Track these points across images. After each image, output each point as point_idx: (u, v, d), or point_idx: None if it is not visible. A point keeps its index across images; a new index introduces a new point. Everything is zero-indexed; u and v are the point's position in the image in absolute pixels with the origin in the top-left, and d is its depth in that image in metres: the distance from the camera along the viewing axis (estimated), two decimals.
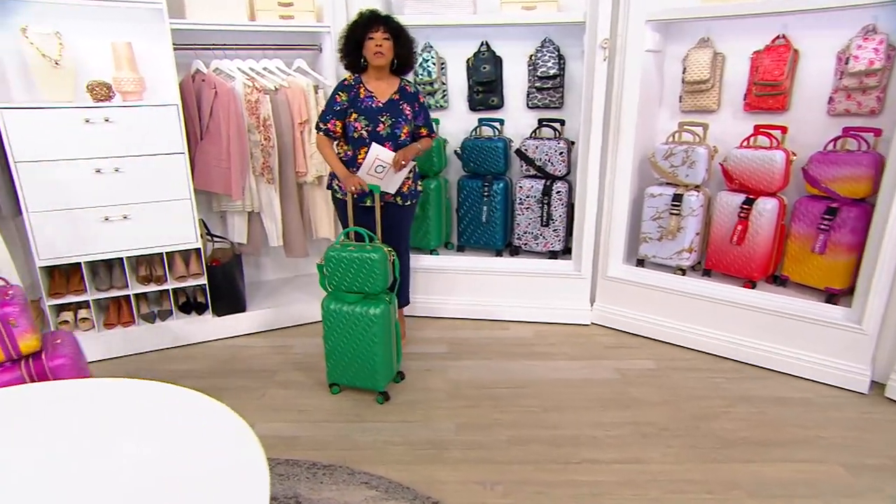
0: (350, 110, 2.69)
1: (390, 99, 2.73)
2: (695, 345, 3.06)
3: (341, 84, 2.75)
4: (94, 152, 2.76)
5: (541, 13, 3.14)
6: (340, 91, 2.73)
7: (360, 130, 2.69)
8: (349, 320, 2.52)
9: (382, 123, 2.69)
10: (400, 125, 2.72)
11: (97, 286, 3.02)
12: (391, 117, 2.70)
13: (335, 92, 2.74)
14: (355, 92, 2.70)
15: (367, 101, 2.69)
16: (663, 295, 3.14)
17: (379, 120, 2.69)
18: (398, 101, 2.74)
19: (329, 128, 2.74)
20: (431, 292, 3.53)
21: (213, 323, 3.25)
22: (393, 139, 2.72)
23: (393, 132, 2.71)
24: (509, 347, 3.16)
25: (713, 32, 3.03)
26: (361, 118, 2.68)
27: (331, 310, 2.55)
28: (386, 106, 2.70)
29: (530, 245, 3.49)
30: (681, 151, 3.00)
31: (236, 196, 3.11)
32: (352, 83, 2.72)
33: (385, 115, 2.70)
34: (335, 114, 2.72)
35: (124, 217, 2.88)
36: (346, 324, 2.53)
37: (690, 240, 3.05)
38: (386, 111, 2.70)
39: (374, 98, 2.70)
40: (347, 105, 2.70)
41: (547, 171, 3.35)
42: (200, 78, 3.09)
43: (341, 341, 2.56)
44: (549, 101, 3.45)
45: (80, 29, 2.86)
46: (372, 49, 2.63)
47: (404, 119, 2.73)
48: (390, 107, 2.71)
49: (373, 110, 2.69)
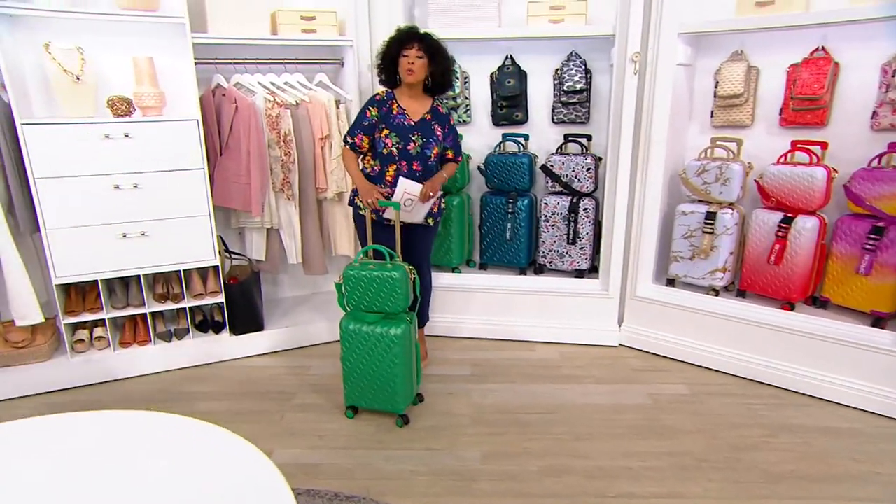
0: (381, 126, 2.64)
1: (423, 118, 2.68)
2: (729, 369, 2.94)
3: (372, 99, 2.70)
4: (114, 168, 2.72)
5: (568, 26, 3.07)
6: (371, 106, 2.67)
7: (390, 147, 2.63)
8: (369, 341, 2.45)
9: (413, 142, 2.64)
10: (430, 145, 2.67)
11: (113, 304, 2.97)
12: (422, 136, 2.65)
13: (366, 106, 2.69)
14: (388, 108, 2.65)
15: (399, 117, 2.64)
16: (695, 316, 3.03)
17: (410, 138, 2.63)
18: (430, 121, 2.69)
19: (356, 142, 2.68)
20: (453, 311, 3.44)
21: (230, 342, 3.18)
22: (422, 159, 2.67)
23: (423, 152, 2.66)
24: (535, 370, 3.06)
25: (746, 45, 2.95)
26: (393, 135, 2.63)
27: (350, 330, 2.47)
28: (418, 125, 2.66)
29: (555, 263, 3.40)
30: (714, 168, 2.90)
31: (256, 213, 3.06)
32: (384, 98, 2.68)
33: (417, 133, 2.65)
34: (363, 129, 2.67)
35: (142, 234, 2.84)
36: (365, 344, 2.46)
37: (724, 259, 2.94)
38: (418, 130, 2.65)
39: (406, 115, 2.65)
40: (377, 120, 2.64)
41: (573, 187, 3.26)
42: (221, 92, 3.06)
43: (360, 363, 2.49)
44: (575, 115, 3.38)
45: (101, 44, 2.84)
46: (405, 66, 2.59)
47: (435, 140, 2.68)
48: (422, 126, 2.66)
49: (405, 128, 2.64)
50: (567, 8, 3.06)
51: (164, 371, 3.06)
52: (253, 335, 3.22)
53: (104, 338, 2.94)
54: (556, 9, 3.06)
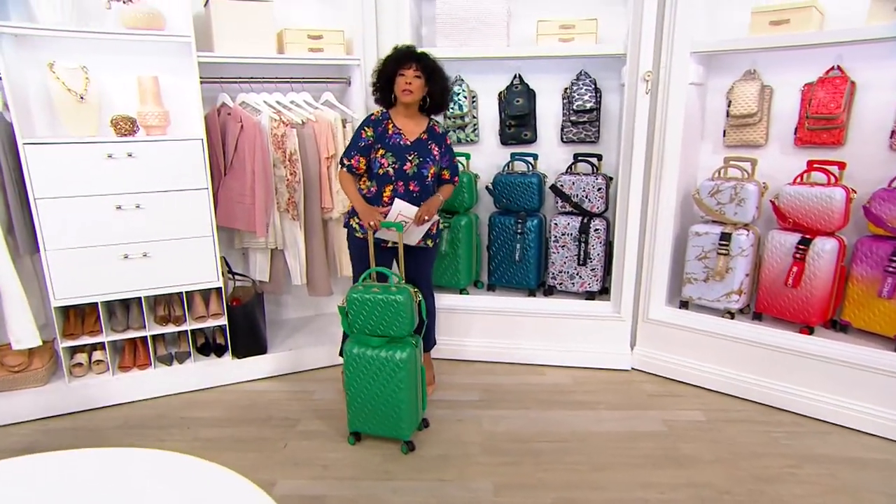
0: (377, 146, 2.60)
1: (419, 138, 2.64)
2: (746, 394, 2.86)
3: (368, 119, 2.66)
4: (116, 188, 2.67)
5: (579, 45, 3.04)
6: (367, 126, 2.63)
7: (386, 167, 2.59)
8: (373, 365, 2.39)
9: (410, 162, 2.60)
10: (427, 165, 2.63)
11: (113, 327, 2.90)
12: (419, 156, 2.62)
13: (361, 127, 2.65)
14: (383, 128, 2.61)
15: (394, 137, 2.60)
16: (710, 339, 2.96)
17: (406, 158, 2.60)
18: (426, 140, 2.66)
19: (353, 164, 2.63)
20: (461, 334, 3.37)
21: (233, 366, 3.10)
22: (419, 179, 2.63)
23: (419, 171, 2.62)
24: (547, 395, 2.97)
25: (759, 64, 2.91)
26: (388, 155, 2.59)
27: (354, 354, 2.41)
28: (414, 145, 2.62)
29: (566, 285, 3.33)
30: (728, 188, 2.85)
31: (260, 233, 3.00)
32: (379, 118, 2.64)
33: (413, 153, 2.61)
34: (360, 150, 2.62)
35: (144, 255, 2.78)
36: (369, 369, 2.39)
37: (740, 281, 2.87)
38: (414, 150, 2.61)
39: (402, 135, 2.61)
40: (373, 141, 2.60)
41: (584, 207, 3.21)
42: (226, 112, 3.02)
43: (364, 388, 2.42)
44: (585, 135, 3.34)
45: (106, 63, 2.82)
46: (401, 85, 2.56)
47: (432, 159, 2.65)
48: (418, 146, 2.63)
49: (400, 148, 2.60)
50: (577, 27, 3.03)
51: (164, 395, 2.98)
52: (256, 358, 3.15)
53: (103, 361, 2.87)
54: (566, 28, 3.04)
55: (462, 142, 3.49)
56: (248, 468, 2.37)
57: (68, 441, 2.58)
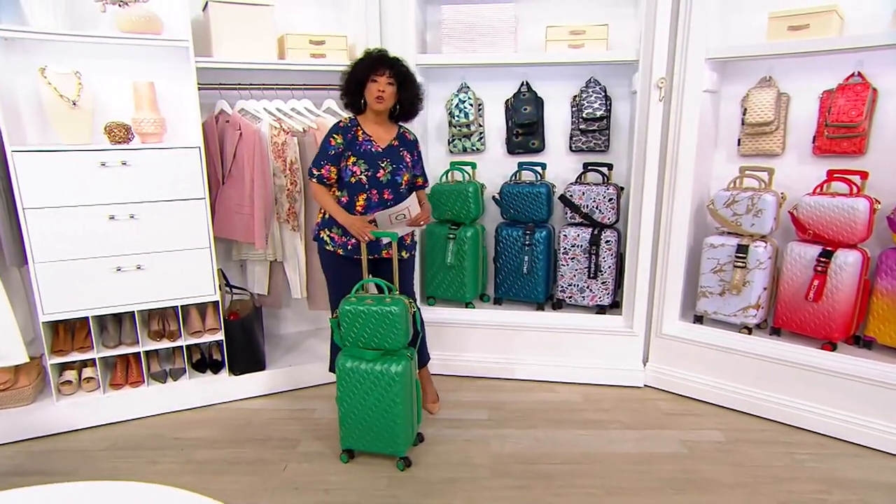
0: (347, 153, 2.51)
1: (390, 145, 2.58)
2: (767, 413, 2.75)
3: (335, 127, 2.56)
4: (109, 198, 2.58)
5: (589, 52, 2.96)
6: (335, 134, 2.53)
7: (358, 175, 2.50)
8: (367, 379, 2.31)
9: (382, 169, 2.53)
10: (400, 172, 2.57)
11: (104, 342, 2.79)
12: (391, 163, 2.55)
13: (329, 135, 2.54)
14: (352, 135, 2.52)
15: (365, 144, 2.52)
16: (727, 356, 2.85)
17: (379, 165, 2.52)
18: (398, 147, 2.60)
19: (323, 174, 2.53)
20: (467, 349, 3.26)
21: (230, 383, 2.99)
22: (393, 187, 2.56)
23: (393, 179, 2.55)
24: (557, 413, 2.86)
25: (776, 71, 2.84)
26: (360, 162, 2.50)
27: (347, 368, 2.33)
28: (385, 151, 2.55)
29: (575, 298, 3.23)
30: (745, 199, 2.76)
31: (259, 245, 2.90)
32: (348, 125, 2.55)
33: (385, 160, 2.54)
34: (329, 159, 2.52)
35: (137, 267, 2.67)
36: (363, 383, 2.31)
37: (758, 295, 2.78)
38: (386, 157, 2.54)
39: (372, 142, 2.53)
40: (343, 148, 2.51)
41: (594, 218, 3.11)
42: (224, 119, 2.93)
43: (358, 403, 2.34)
44: (594, 144, 3.25)
45: (100, 68, 2.73)
46: (374, 92, 2.47)
47: (404, 166, 2.59)
48: (390, 152, 2.56)
49: (372, 155, 2.52)
50: (587, 33, 2.96)
51: (157, 414, 2.86)
52: (254, 375, 3.03)
53: (93, 379, 2.75)
54: (576, 34, 2.96)
55: (467, 151, 3.40)
56: (246, 493, 2.25)
57: (55, 464, 2.46)
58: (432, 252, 3.30)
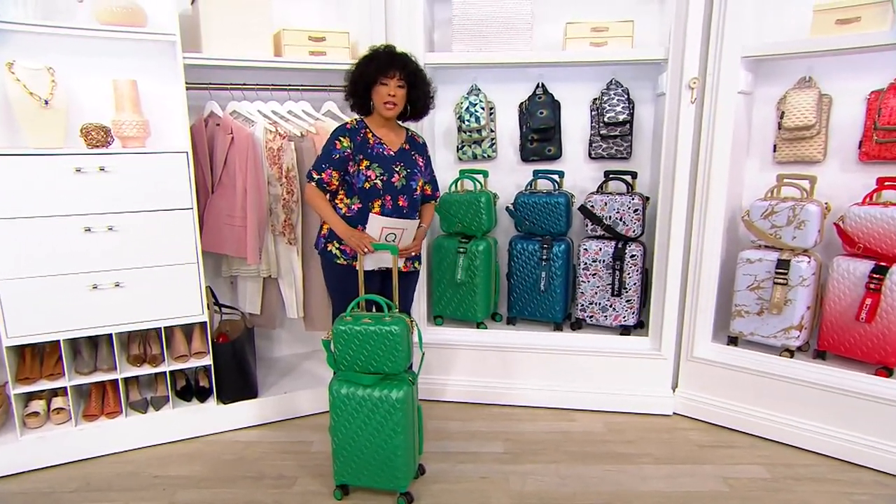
0: (358, 157, 2.31)
1: (401, 148, 2.40)
2: (814, 446, 2.53)
3: (342, 128, 2.36)
4: (85, 207, 2.35)
5: (613, 50, 2.77)
6: (342, 136, 2.33)
7: (373, 180, 2.31)
8: (364, 407, 2.12)
9: (397, 174, 2.35)
10: (415, 177, 2.40)
11: (78, 369, 2.54)
12: (406, 168, 2.37)
13: (335, 137, 2.33)
14: (362, 137, 2.33)
15: (377, 147, 2.33)
16: (766, 381, 2.64)
17: (394, 170, 2.34)
18: (409, 150, 2.43)
19: (324, 178, 2.32)
20: (479, 373, 3.03)
21: (218, 412, 2.74)
22: (408, 192, 2.38)
23: (408, 184, 2.38)
24: (579, 445, 2.64)
25: (816, 70, 2.65)
26: (375, 166, 2.31)
27: (342, 395, 2.13)
28: (398, 155, 2.37)
29: (597, 318, 3.01)
30: (785, 209, 2.56)
31: (252, 260, 2.67)
32: (356, 127, 2.35)
33: (399, 164, 2.36)
34: (333, 163, 2.32)
35: (116, 284, 2.44)
36: (360, 411, 2.12)
37: (800, 315, 2.57)
38: (399, 160, 2.37)
39: (384, 146, 2.35)
40: (351, 152, 2.31)
41: (617, 230, 2.91)
42: (215, 122, 2.72)
43: (355, 433, 2.15)
44: (616, 150, 3.06)
45: (76, 64, 2.51)
46: (383, 97, 2.29)
47: (419, 171, 2.43)
48: (402, 156, 2.38)
49: (385, 158, 2.34)
50: (610, 30, 2.77)
51: (136, 449, 2.60)
52: (245, 403, 2.79)
53: (64, 409, 2.50)
54: (599, 30, 2.77)
55: (478, 158, 3.19)
56: None
57: None
58: (440, 267, 3.08)
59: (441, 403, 3.04)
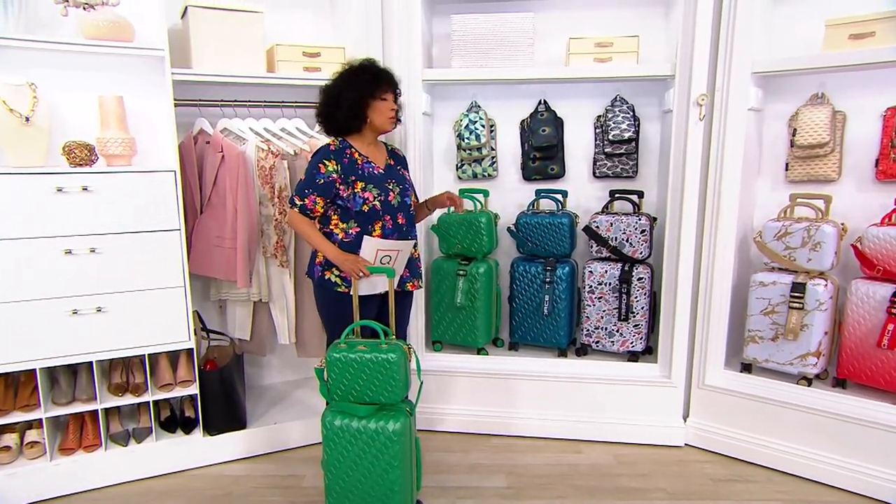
0: (350, 179, 2.23)
1: (387, 164, 2.37)
2: (835, 481, 2.44)
3: (325, 151, 2.25)
4: (67, 229, 2.28)
5: (618, 66, 2.72)
6: (326, 160, 2.23)
7: (372, 201, 2.24)
8: (360, 440, 2.03)
9: (392, 192, 2.30)
10: (408, 193, 2.39)
11: (55, 399, 2.45)
12: (397, 184, 2.34)
13: (318, 160, 2.23)
14: (348, 158, 2.25)
15: (367, 167, 2.27)
16: (782, 410, 2.56)
17: (387, 188, 2.29)
18: (395, 166, 2.40)
19: (307, 205, 2.23)
20: (479, 402, 2.93)
21: (205, 445, 2.64)
22: (404, 210, 2.34)
23: (403, 201, 2.34)
24: (586, 479, 2.54)
25: (829, 87, 2.61)
26: (370, 187, 2.25)
27: (335, 428, 2.04)
28: (387, 172, 2.33)
29: (603, 343, 2.92)
30: (800, 230, 2.50)
31: (242, 283, 2.59)
32: (340, 147, 2.27)
33: (391, 181, 2.32)
34: (317, 188, 2.22)
35: (98, 310, 2.35)
36: (355, 444, 2.04)
37: (818, 340, 2.49)
38: (389, 178, 2.32)
39: (372, 164, 2.29)
40: (339, 176, 2.22)
41: (624, 252, 2.84)
42: (204, 139, 2.66)
43: (349, 467, 2.06)
44: (621, 169, 3.00)
45: (60, 80, 2.46)
46: (386, 113, 2.27)
47: (409, 186, 2.40)
48: (391, 173, 2.34)
49: (377, 177, 2.28)
50: (615, 45, 2.73)
51: (116, 484, 2.50)
52: (233, 435, 2.69)
53: (39, 443, 2.40)
54: (603, 46, 2.73)
55: (478, 177, 3.14)
56: None
57: None
58: (439, 290, 3.00)
59: (439, 434, 2.94)
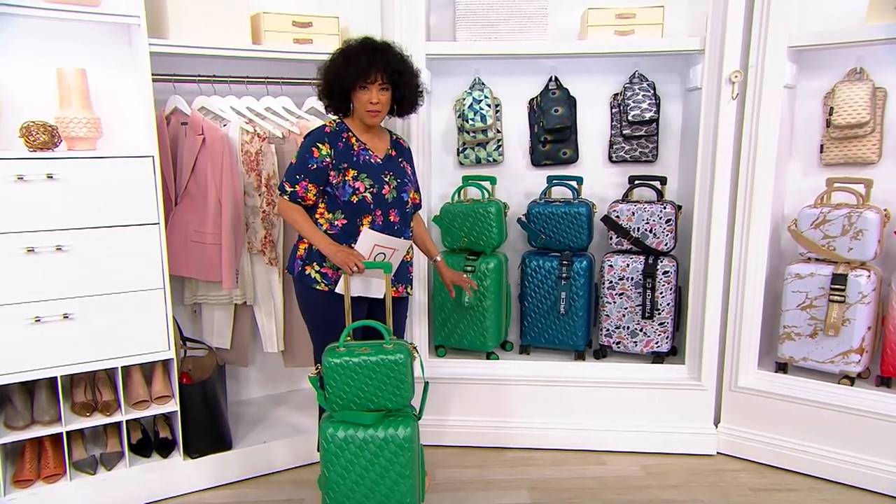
0: (342, 165, 2.22)
1: (387, 154, 2.34)
2: (882, 487, 2.53)
3: (319, 132, 2.26)
4: (28, 223, 2.18)
5: (641, 40, 2.76)
6: (319, 143, 2.23)
7: (362, 193, 2.22)
8: (366, 451, 2.03)
9: (387, 185, 2.28)
10: (406, 188, 2.35)
11: (8, 422, 2.33)
12: (395, 177, 2.31)
13: (311, 143, 2.23)
14: (344, 143, 2.25)
15: (363, 154, 2.26)
16: (822, 413, 2.63)
17: (383, 180, 2.27)
18: (396, 157, 2.37)
19: (298, 192, 2.22)
20: (492, 412, 2.94)
21: (185, 469, 2.58)
22: (399, 206, 2.32)
23: (399, 196, 2.31)
24: (615, 493, 2.57)
25: (867, 61, 2.69)
26: (363, 176, 2.23)
27: (339, 440, 2.03)
28: (385, 163, 2.30)
29: (625, 344, 2.96)
30: (840, 217, 2.57)
31: (228, 284, 2.53)
32: (336, 130, 2.27)
33: (388, 173, 2.30)
34: (309, 174, 2.21)
35: (65, 316, 2.26)
36: (361, 456, 2.03)
37: (861, 336, 2.57)
38: (388, 169, 2.30)
39: (370, 152, 2.28)
40: (331, 161, 2.22)
41: (647, 244, 2.87)
42: (180, 120, 2.60)
43: (354, 483, 2.04)
44: (640, 153, 3.04)
45: (12, 49, 2.36)
46: (365, 105, 2.21)
47: (409, 181, 2.38)
48: (390, 164, 2.32)
49: (373, 167, 2.26)
50: (637, 16, 2.76)
51: None
52: (217, 457, 2.63)
53: None
54: (625, 17, 2.76)
55: (482, 162, 3.13)
56: None
57: None
58: (443, 290, 2.97)
59: (447, 448, 2.93)
